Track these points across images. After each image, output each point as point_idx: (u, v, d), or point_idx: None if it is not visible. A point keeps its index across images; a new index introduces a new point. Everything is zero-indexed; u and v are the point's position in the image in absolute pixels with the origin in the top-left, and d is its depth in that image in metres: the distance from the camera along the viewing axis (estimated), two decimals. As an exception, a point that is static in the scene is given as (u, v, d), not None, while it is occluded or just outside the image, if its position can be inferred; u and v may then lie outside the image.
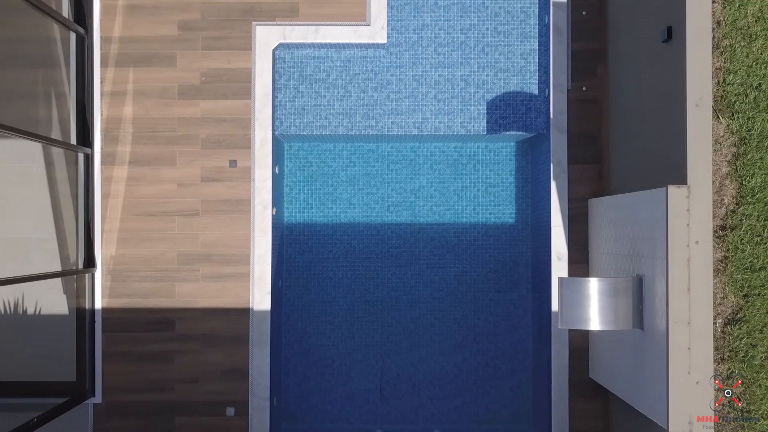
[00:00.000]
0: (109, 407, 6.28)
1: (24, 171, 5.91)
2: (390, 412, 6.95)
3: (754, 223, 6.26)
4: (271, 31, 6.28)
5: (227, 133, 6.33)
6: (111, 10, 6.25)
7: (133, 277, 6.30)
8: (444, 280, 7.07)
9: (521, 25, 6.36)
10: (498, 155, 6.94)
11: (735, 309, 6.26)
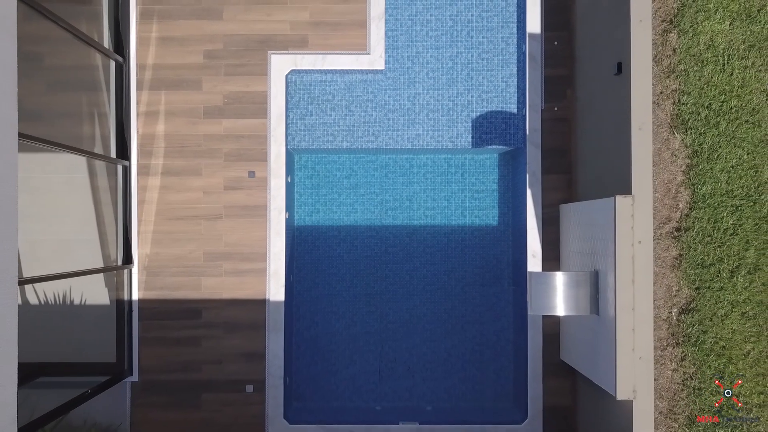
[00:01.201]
0: (145, 385, 6.89)
1: (71, 181, 6.50)
2: (387, 391, 7.47)
3: (704, 225, 7.00)
4: (284, 59, 6.89)
5: (246, 148, 6.93)
6: (145, 41, 6.89)
7: (165, 272, 6.90)
8: (435, 276, 7.58)
9: (502, 53, 7.04)
10: (483, 166, 7.51)
11: (688, 300, 6.99)
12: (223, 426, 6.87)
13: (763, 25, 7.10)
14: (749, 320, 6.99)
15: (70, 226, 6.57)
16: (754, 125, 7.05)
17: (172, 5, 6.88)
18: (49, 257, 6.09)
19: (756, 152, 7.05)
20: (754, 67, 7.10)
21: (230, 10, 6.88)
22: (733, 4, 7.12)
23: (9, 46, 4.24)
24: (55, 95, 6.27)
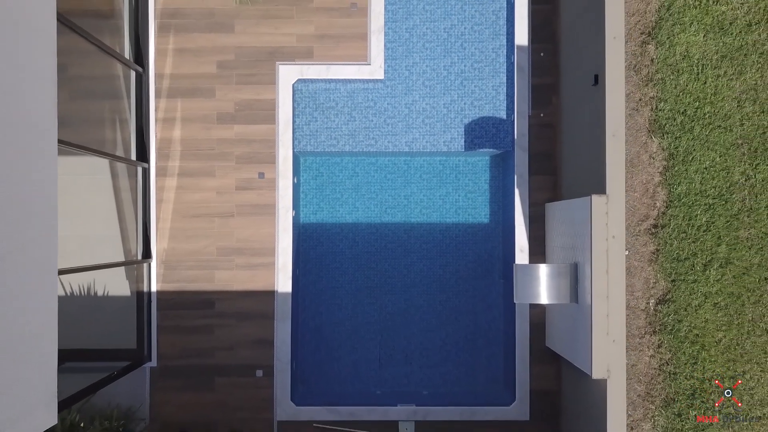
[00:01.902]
0: (163, 370, 7.36)
1: (95, 182, 6.95)
2: (387, 377, 7.95)
3: (680, 222, 7.50)
4: (291, 69, 7.38)
5: (256, 151, 7.42)
6: (163, 53, 7.37)
7: (181, 266, 7.37)
8: (431, 270, 8.04)
9: (492, 63, 7.54)
10: (475, 167, 7.99)
11: (665, 291, 7.50)
12: (234, 407, 7.35)
13: (734, 36, 7.60)
14: (721, 310, 7.50)
15: (94, 223, 7.02)
16: (726, 130, 7.56)
17: (188, 19, 7.38)
18: (75, 252, 6.53)
19: (728, 155, 7.56)
20: (726, 75, 7.61)
21: (241, 24, 7.37)
22: (707, 18, 7.62)
23: (50, 63, 4.76)
24: (80, 103, 6.71)
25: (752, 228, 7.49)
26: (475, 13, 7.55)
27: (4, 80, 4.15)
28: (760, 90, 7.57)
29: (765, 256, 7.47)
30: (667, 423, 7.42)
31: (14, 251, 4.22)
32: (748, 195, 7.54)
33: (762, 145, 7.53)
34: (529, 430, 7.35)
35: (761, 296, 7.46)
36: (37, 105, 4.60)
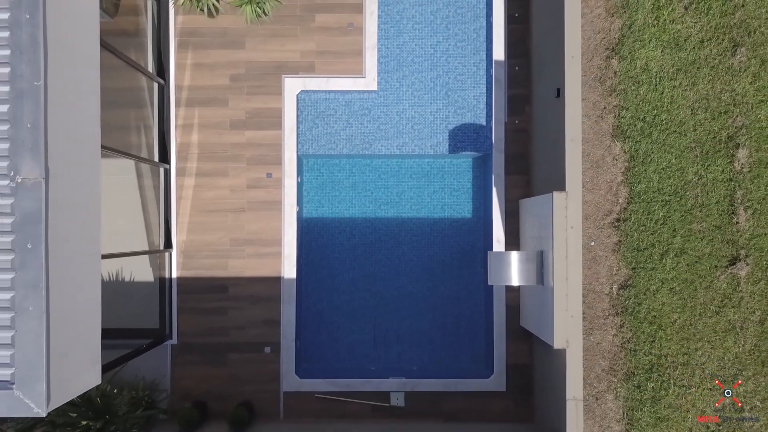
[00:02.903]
0: (182, 347, 8.10)
1: (122, 181, 7.68)
2: (380, 355, 8.60)
3: (640, 216, 8.31)
4: (296, 81, 8.12)
5: (265, 154, 8.16)
6: (182, 67, 8.14)
7: (199, 255, 8.11)
8: (420, 259, 8.70)
9: (473, 76, 8.33)
10: (458, 168, 8.69)
11: (626, 278, 8.30)
12: (245, 380, 8.11)
13: (688, 52, 8.42)
14: (676, 294, 8.29)
15: (122, 217, 7.75)
16: (680, 134, 8.37)
17: (204, 38, 8.17)
18: (107, 242, 7.21)
19: (682, 157, 8.37)
20: (681, 86, 8.42)
21: (251, 42, 8.17)
22: (664, 35, 8.45)
23: (94, 79, 5.61)
24: (109, 111, 7.41)
25: (704, 221, 8.30)
26: (458, 31, 8.35)
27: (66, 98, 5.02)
28: (711, 99, 8.39)
29: (715, 246, 8.27)
30: (627, 394, 8.23)
31: (71, 239, 5.08)
32: (700, 192, 8.34)
33: (713, 148, 8.35)
34: (505, 400, 8.14)
35: (712, 282, 8.27)
36: (86, 116, 5.46)
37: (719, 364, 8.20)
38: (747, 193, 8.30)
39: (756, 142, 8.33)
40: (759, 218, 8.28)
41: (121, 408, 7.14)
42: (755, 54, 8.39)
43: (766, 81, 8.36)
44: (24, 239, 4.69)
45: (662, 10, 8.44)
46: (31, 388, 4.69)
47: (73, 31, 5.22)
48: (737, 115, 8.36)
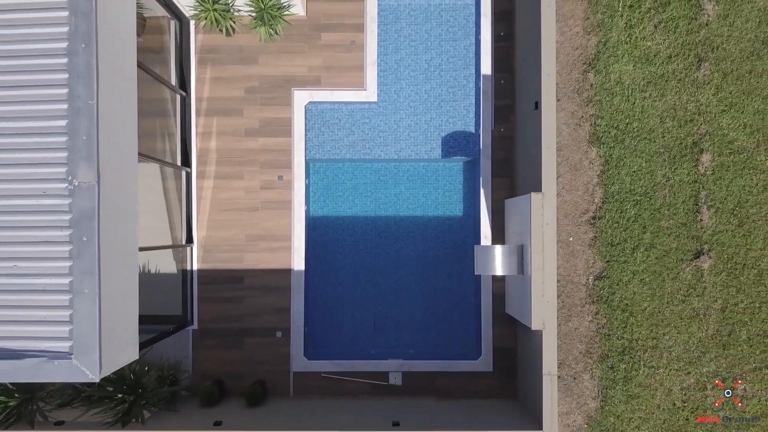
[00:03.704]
0: (202, 332, 8.80)
1: (148, 183, 8.29)
2: (380, 340, 9.22)
3: (613, 215, 9.08)
4: (304, 93, 8.82)
5: (276, 158, 8.87)
6: (202, 81, 8.87)
7: (217, 249, 8.83)
8: (416, 254, 9.31)
9: (463, 88, 9.05)
10: (450, 171, 9.35)
11: (601, 270, 9.08)
12: (259, 362, 8.83)
13: (657, 66, 9.21)
14: (646, 285, 9.05)
15: (149, 215, 8.37)
16: (650, 141, 9.15)
17: (221, 54, 8.93)
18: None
19: (652, 161, 9.14)
20: (650, 97, 9.19)
21: (264, 58, 8.93)
22: (636, 51, 9.23)
23: (133, 95, 6.42)
24: (139, 120, 8.11)
25: (671, 219, 9.09)
26: (450, 48, 9.12)
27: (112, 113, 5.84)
28: (678, 109, 9.18)
29: (681, 241, 9.06)
30: (602, 374, 9.02)
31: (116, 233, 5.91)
32: (668, 193, 9.12)
33: (679, 153, 9.14)
34: (492, 379, 8.89)
35: (678, 274, 9.06)
36: (127, 128, 6.28)
37: (684, 347, 8.98)
38: (710, 193, 9.08)
39: (718, 148, 9.12)
40: (721, 216, 9.07)
41: (150, 384, 7.92)
42: (718, 68, 9.18)
43: (728, 92, 9.14)
44: (80, 233, 5.52)
45: (634, 29, 9.23)
46: (87, 358, 5.51)
47: (117, 56, 6.04)
48: (701, 123, 9.15)
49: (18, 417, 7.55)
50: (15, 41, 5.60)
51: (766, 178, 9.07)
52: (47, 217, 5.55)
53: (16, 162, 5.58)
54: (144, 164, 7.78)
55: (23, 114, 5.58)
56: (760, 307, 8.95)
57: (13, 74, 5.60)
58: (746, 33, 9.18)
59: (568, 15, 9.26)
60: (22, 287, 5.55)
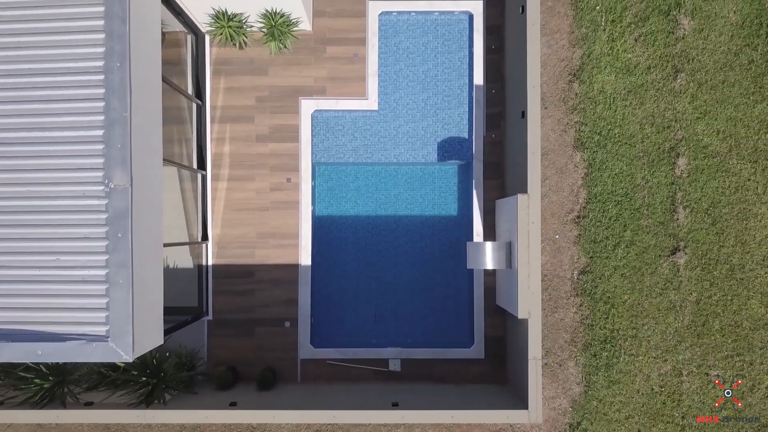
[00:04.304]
0: (216, 322, 9.36)
1: (168, 185, 8.87)
2: (380, 330, 9.72)
3: (596, 214, 9.71)
4: (310, 102, 9.37)
5: (285, 162, 9.42)
6: (216, 90, 9.46)
7: (230, 246, 9.38)
8: (414, 250, 9.80)
9: (458, 97, 9.66)
10: (446, 174, 9.90)
11: (585, 265, 9.71)
12: (269, 349, 9.41)
13: (637, 77, 9.84)
14: (626, 279, 9.66)
15: (169, 214, 8.88)
16: (630, 146, 9.77)
17: (234, 66, 9.52)
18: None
19: (632, 165, 9.76)
20: (631, 106, 9.82)
21: (273, 69, 9.53)
22: (617, 63, 9.86)
23: (158, 106, 7.08)
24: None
25: (650, 218, 9.71)
26: (445, 60, 9.73)
27: (142, 123, 6.51)
28: (656, 116, 9.81)
29: (659, 239, 9.68)
30: (586, 361, 9.64)
31: (146, 230, 6.57)
32: (647, 194, 9.74)
33: (657, 157, 9.77)
34: (483, 365, 9.49)
35: (656, 269, 9.68)
36: (153, 136, 6.93)
37: (662, 336, 9.61)
38: (686, 194, 9.71)
39: (693, 152, 9.75)
40: (695, 216, 9.70)
41: (170, 370, 8.55)
42: (693, 78, 9.81)
43: (703, 101, 9.77)
44: (115, 230, 6.17)
45: (616, 42, 9.87)
46: (121, 340, 6.17)
47: (146, 72, 6.70)
48: (678, 129, 9.78)
49: (51, 398, 8.21)
50: (58, 60, 6.26)
51: (737, 181, 9.69)
52: (86, 216, 6.20)
53: (58, 167, 6.23)
54: (164, 167, 8.28)
55: (65, 125, 6.24)
56: (732, 300, 9.57)
57: (56, 89, 6.26)
58: (719, 46, 9.80)
59: (554, 29, 9.90)
60: (64, 278, 6.21)
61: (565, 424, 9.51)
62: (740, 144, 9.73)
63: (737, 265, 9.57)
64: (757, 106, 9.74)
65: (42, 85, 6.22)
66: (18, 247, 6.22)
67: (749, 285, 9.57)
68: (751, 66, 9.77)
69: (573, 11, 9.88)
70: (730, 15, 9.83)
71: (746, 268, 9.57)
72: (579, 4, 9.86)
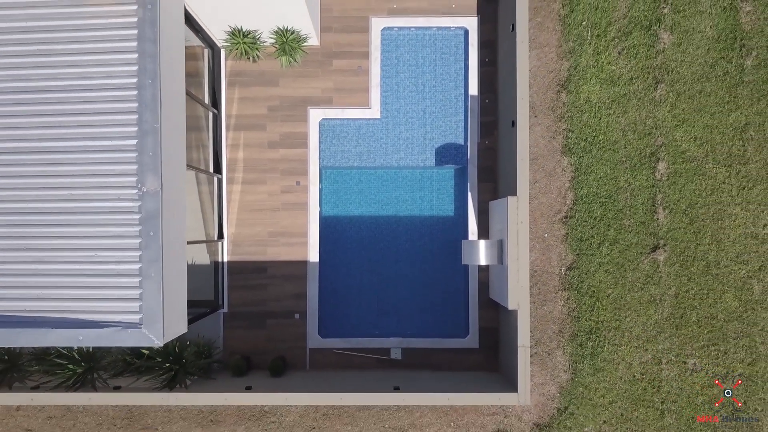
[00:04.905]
0: (231, 314, 9.97)
1: (187, 188, 9.78)
2: (383, 322, 10.28)
3: (582, 214, 10.35)
4: (318, 111, 9.98)
5: (294, 167, 10.05)
6: (231, 100, 10.07)
7: (244, 244, 10.01)
8: (414, 248, 10.34)
9: (454, 106, 10.31)
10: (443, 177, 10.46)
11: (572, 262, 10.36)
12: (280, 340, 10.04)
13: (620, 87, 10.49)
14: (610, 274, 10.30)
15: (188, 215, 9.67)
16: (614, 151, 10.42)
17: (247, 78, 10.17)
18: None
19: (615, 169, 10.41)
20: (614, 114, 10.47)
21: (284, 81, 10.17)
22: (602, 74, 10.51)
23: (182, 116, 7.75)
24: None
25: (632, 218, 10.35)
26: (443, 71, 10.38)
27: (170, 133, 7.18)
28: (638, 124, 10.46)
29: (640, 237, 10.33)
30: (572, 350, 10.29)
31: (173, 229, 7.25)
32: (629, 196, 10.38)
33: (639, 162, 10.42)
34: (478, 354, 10.14)
35: (638, 265, 10.33)
36: (179, 143, 7.61)
37: (643, 328, 10.26)
38: (665, 196, 10.35)
39: (672, 157, 10.40)
40: (674, 216, 10.35)
41: (190, 357, 9.24)
42: (672, 89, 10.47)
43: (681, 110, 10.42)
44: (148, 229, 6.85)
45: (600, 55, 10.52)
46: (153, 327, 6.84)
47: (172, 87, 7.38)
48: (658, 136, 10.43)
49: (83, 383, 8.89)
50: (97, 77, 6.94)
51: (713, 184, 10.34)
52: (121, 216, 6.88)
53: (96, 173, 6.91)
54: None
55: (102, 135, 6.91)
56: (708, 294, 10.21)
57: (94, 104, 6.93)
58: (697, 58, 10.45)
59: (543, 43, 10.56)
60: (102, 272, 6.89)
61: (554, 408, 10.15)
62: (716, 150, 10.36)
63: (713, 261, 10.20)
64: (731, 114, 10.37)
65: (83, 100, 6.90)
66: (60, 244, 6.90)
67: (724, 280, 10.20)
68: (726, 77, 10.40)
69: (561, 26, 10.52)
70: (707, 30, 10.47)
71: (721, 265, 10.20)
72: (566, 20, 10.51)
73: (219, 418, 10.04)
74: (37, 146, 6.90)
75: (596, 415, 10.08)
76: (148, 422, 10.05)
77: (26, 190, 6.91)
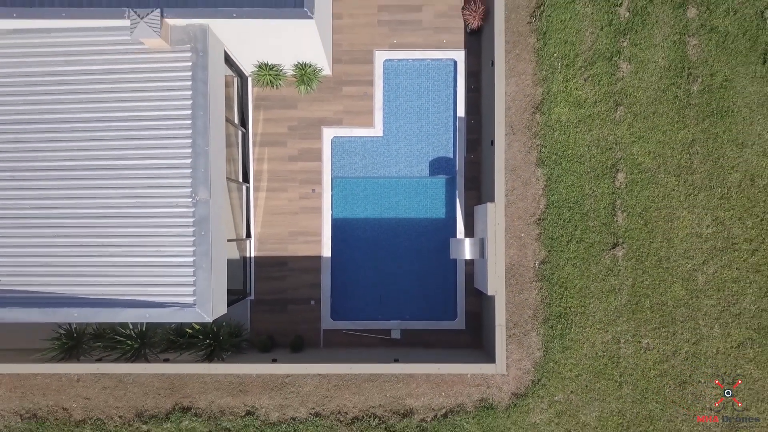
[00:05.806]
0: (257, 301, 11.40)
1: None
2: (385, 309, 11.65)
3: (553, 217, 11.89)
4: (330, 130, 11.39)
5: (310, 177, 11.46)
6: (257, 121, 11.48)
7: (268, 241, 11.45)
8: (412, 247, 11.68)
9: (445, 126, 11.75)
10: (436, 185, 11.81)
11: (544, 257, 11.92)
12: (298, 322, 11.47)
13: (586, 109, 12.00)
14: (576, 267, 11.79)
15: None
16: (580, 163, 11.93)
17: (270, 102, 11.66)
18: None
19: (582, 178, 11.92)
20: (581, 132, 11.98)
21: (301, 104, 11.59)
22: (570, 98, 12.04)
23: (222, 137, 9.39)
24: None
25: (595, 220, 11.87)
26: (435, 96, 11.84)
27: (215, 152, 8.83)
28: (601, 140, 11.98)
29: (602, 236, 11.82)
30: (545, 332, 11.82)
31: (218, 230, 8.90)
32: (593, 201, 11.89)
33: (601, 173, 11.94)
34: (465, 335, 11.61)
35: (600, 260, 11.85)
36: (220, 159, 9.26)
37: (604, 313, 11.76)
38: (624, 201, 11.84)
39: (630, 168, 11.89)
40: (631, 218, 11.86)
41: (224, 336, 10.86)
42: (630, 110, 11.94)
43: (638, 128, 11.89)
44: (200, 230, 8.50)
45: (569, 82, 12.05)
46: (204, 307, 8.51)
47: (217, 116, 9.05)
48: (617, 150, 11.90)
49: (137, 356, 10.55)
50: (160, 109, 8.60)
51: (664, 191, 11.86)
52: (179, 219, 8.53)
53: (160, 185, 8.56)
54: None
55: (164, 155, 8.56)
56: (659, 284, 11.73)
57: (157, 130, 8.60)
58: (651, 84, 11.96)
59: (521, 71, 12.13)
60: (165, 263, 8.55)
61: (529, 380, 11.71)
62: (667, 162, 11.86)
63: (664, 257, 11.70)
64: (680, 132, 11.89)
65: (150, 127, 8.55)
66: (131, 241, 8.56)
67: (673, 272, 11.70)
68: (676, 100, 11.93)
69: (536, 57, 12.07)
70: (660, 60, 12.00)
71: (671, 260, 11.72)
72: (540, 52, 12.06)
73: (246, 388, 11.62)
74: (113, 164, 8.57)
75: (565, 386, 11.60)
76: (187, 392, 11.66)
77: (105, 199, 8.57)
